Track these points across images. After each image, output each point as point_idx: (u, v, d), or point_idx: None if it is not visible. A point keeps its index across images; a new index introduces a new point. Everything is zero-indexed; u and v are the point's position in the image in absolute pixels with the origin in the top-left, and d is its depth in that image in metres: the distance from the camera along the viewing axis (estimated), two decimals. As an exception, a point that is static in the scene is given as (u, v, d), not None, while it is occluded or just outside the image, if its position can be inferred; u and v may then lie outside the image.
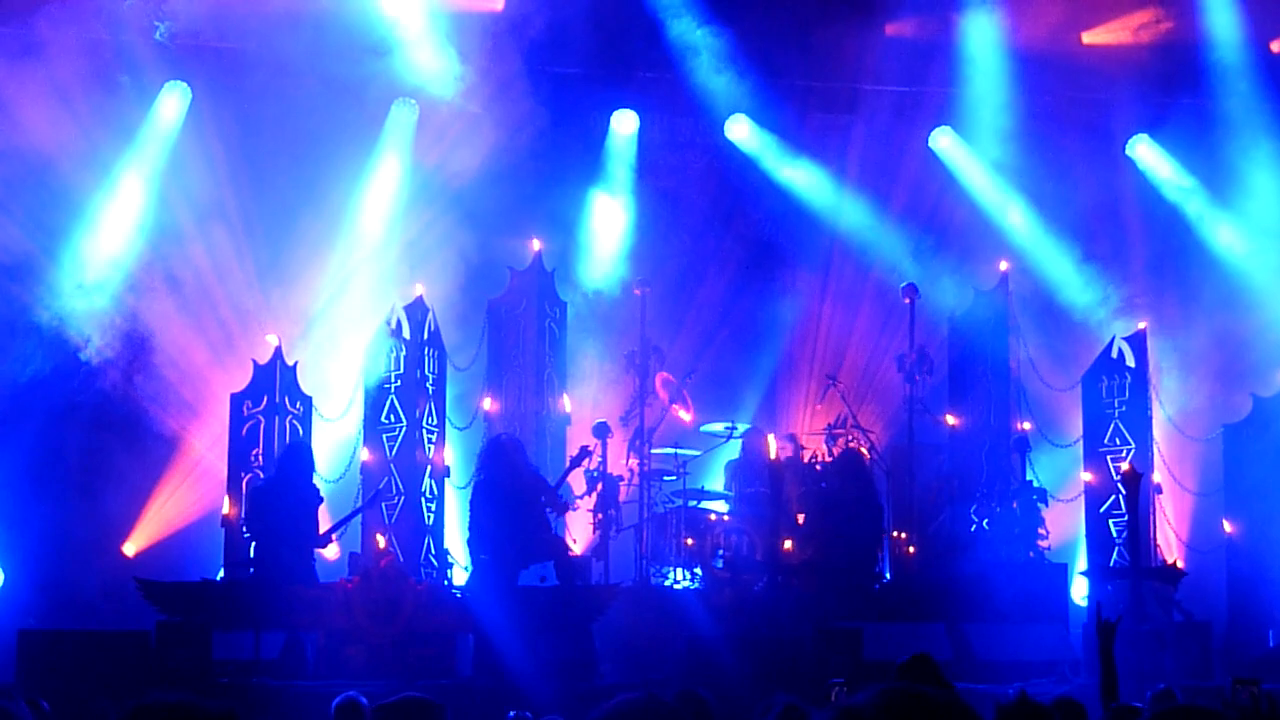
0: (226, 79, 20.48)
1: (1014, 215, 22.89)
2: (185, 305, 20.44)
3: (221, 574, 18.46)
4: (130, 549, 20.47)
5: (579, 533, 19.62)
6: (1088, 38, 22.73)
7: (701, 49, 21.83)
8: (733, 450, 20.84)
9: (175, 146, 20.87)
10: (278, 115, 20.07)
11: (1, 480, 19.65)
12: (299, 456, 18.01)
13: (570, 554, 17.89)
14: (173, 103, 21.00)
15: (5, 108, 19.47)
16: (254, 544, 17.93)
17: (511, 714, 10.18)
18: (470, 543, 17.36)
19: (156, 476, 20.66)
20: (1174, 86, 22.71)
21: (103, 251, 20.34)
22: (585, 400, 21.33)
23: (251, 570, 17.57)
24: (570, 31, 20.42)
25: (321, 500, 17.84)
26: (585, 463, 18.46)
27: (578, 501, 19.12)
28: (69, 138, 19.72)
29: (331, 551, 18.37)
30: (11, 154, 19.46)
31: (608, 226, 22.54)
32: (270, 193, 20.40)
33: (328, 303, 20.72)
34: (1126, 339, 21.08)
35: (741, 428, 20.79)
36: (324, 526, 17.84)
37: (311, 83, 20.01)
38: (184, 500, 20.54)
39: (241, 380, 19.52)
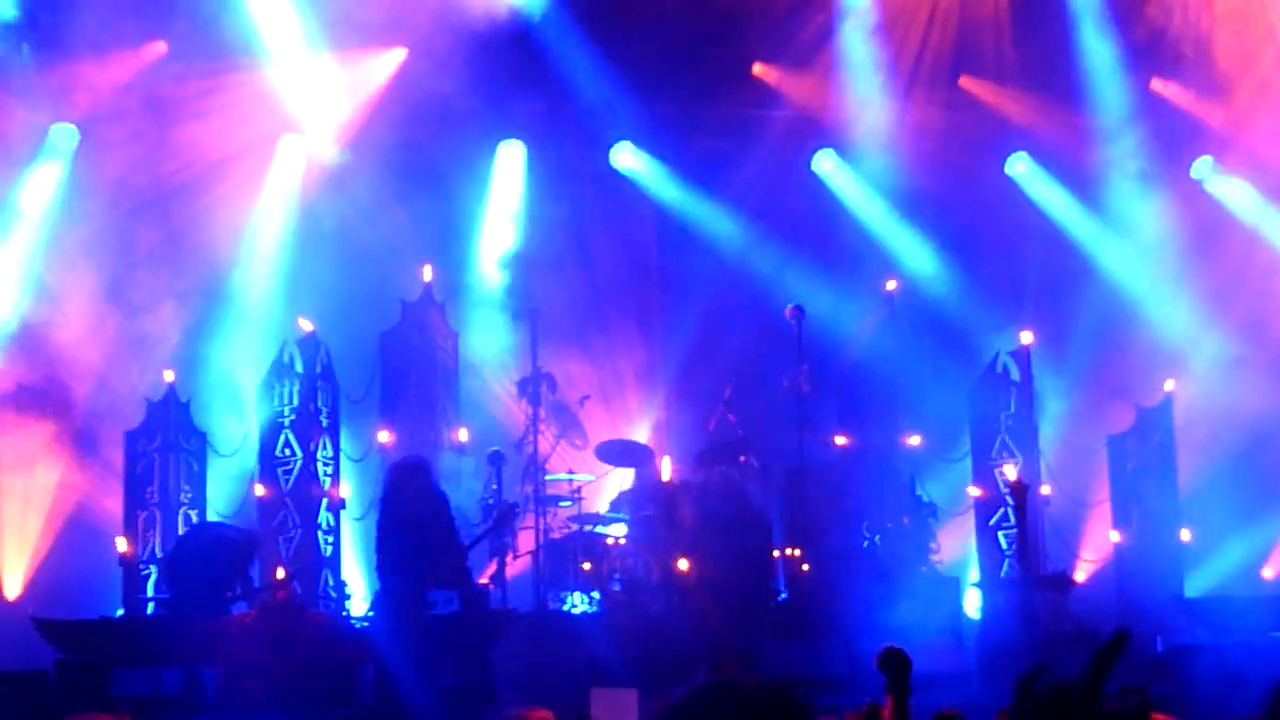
0: (111, 117, 20.47)
1: (898, 234, 23.20)
2: (73, 343, 20.36)
3: (121, 611, 18.42)
4: (10, 592, 20.24)
5: (476, 560, 19.67)
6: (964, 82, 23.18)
7: (586, 79, 22.08)
8: (627, 477, 20.98)
9: (63, 186, 20.82)
10: (164, 152, 20.19)
11: None
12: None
13: (474, 581, 17.90)
14: (59, 143, 20.93)
15: None
16: (154, 580, 17.90)
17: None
18: (378, 567, 17.25)
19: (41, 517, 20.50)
20: (1052, 105, 23.13)
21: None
22: (479, 429, 21.40)
23: (152, 607, 17.52)
24: (455, 64, 20.54)
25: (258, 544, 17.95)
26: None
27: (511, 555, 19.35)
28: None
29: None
30: None
31: (498, 255, 22.69)
32: (159, 229, 20.49)
33: (221, 339, 20.78)
34: (1010, 353, 21.37)
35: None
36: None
37: (197, 120, 20.14)
38: (69, 539, 20.32)
39: (135, 418, 19.54)
